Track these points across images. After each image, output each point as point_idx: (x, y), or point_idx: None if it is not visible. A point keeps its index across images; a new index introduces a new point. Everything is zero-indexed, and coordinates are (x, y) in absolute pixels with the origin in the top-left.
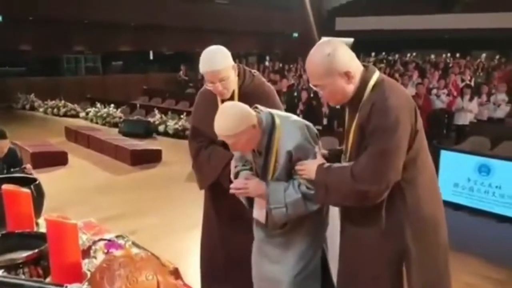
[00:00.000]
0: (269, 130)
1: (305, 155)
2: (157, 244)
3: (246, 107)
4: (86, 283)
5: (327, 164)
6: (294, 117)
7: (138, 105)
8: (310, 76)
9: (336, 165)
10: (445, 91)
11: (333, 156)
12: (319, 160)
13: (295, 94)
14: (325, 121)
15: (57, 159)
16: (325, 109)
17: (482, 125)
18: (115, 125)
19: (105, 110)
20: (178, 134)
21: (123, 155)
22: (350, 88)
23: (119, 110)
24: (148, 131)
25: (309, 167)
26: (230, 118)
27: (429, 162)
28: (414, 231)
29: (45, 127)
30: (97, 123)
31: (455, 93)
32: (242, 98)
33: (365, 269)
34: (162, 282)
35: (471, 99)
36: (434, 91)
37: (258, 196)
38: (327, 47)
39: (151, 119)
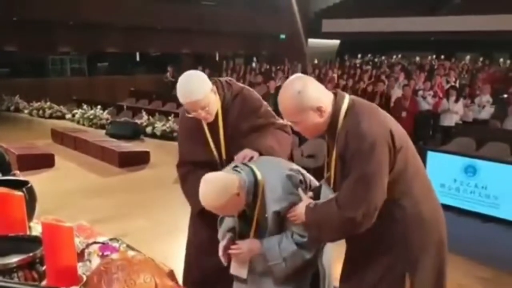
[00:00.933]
0: (253, 187)
1: (292, 206)
2: (146, 247)
3: (227, 176)
4: (82, 287)
5: (313, 203)
6: (276, 163)
7: (125, 107)
8: (283, 114)
9: (321, 201)
10: (431, 92)
11: (318, 194)
12: (306, 201)
13: None
14: None
15: (44, 162)
16: None
17: (467, 127)
18: (102, 126)
19: (92, 111)
20: (166, 136)
21: (110, 157)
22: (324, 121)
23: (105, 111)
24: (136, 133)
25: (298, 212)
26: (213, 192)
27: (419, 166)
28: (419, 238)
29: (31, 129)
30: (83, 124)
31: (440, 95)
32: (225, 114)
33: (367, 276)
34: (160, 284)
35: (456, 101)
36: (420, 92)
37: (252, 255)
38: (297, 85)
39: (138, 121)
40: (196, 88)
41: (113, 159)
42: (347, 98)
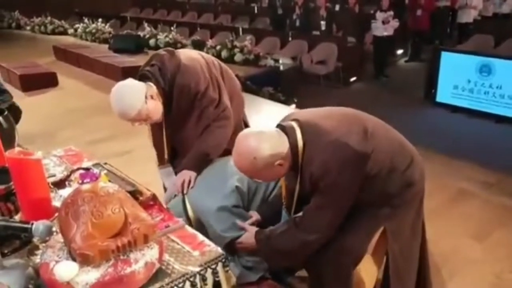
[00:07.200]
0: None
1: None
2: (148, 165)
3: None
4: (55, 220)
5: (264, 232)
6: (213, 190)
7: (128, 18)
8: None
9: (276, 229)
10: None
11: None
12: (252, 231)
13: None
14: (323, 25)
15: (47, 81)
16: (323, 12)
17: (486, 22)
18: (105, 41)
19: (94, 25)
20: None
21: (114, 73)
22: (286, 167)
23: (108, 24)
24: (139, 46)
25: (246, 242)
26: None
27: (394, 144)
28: (404, 198)
29: (34, 47)
30: (86, 39)
31: None
32: (170, 111)
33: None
34: (130, 215)
35: None
36: None
37: None
38: (250, 149)
39: (141, 33)
40: (128, 106)
41: (117, 75)
42: (297, 129)
